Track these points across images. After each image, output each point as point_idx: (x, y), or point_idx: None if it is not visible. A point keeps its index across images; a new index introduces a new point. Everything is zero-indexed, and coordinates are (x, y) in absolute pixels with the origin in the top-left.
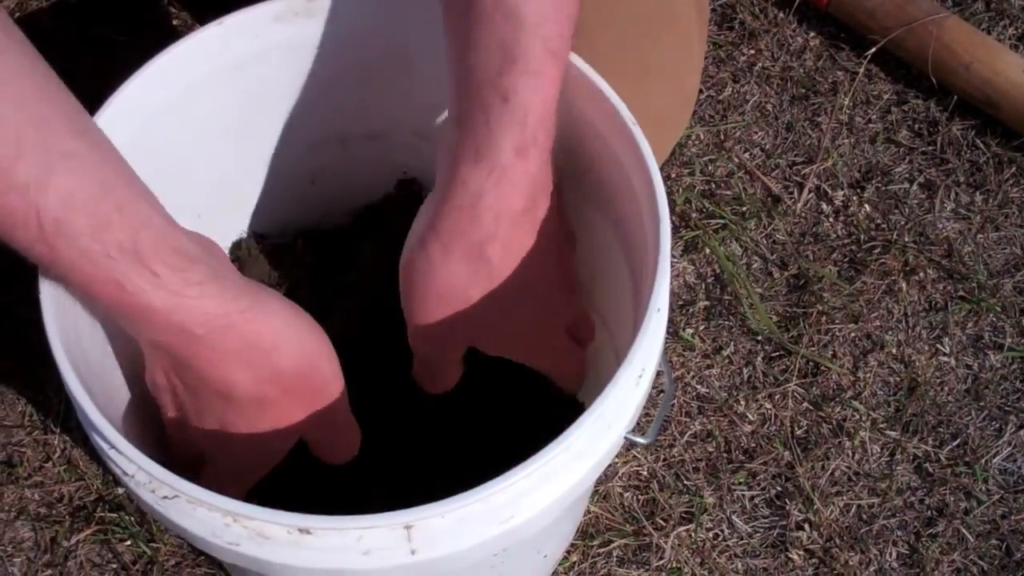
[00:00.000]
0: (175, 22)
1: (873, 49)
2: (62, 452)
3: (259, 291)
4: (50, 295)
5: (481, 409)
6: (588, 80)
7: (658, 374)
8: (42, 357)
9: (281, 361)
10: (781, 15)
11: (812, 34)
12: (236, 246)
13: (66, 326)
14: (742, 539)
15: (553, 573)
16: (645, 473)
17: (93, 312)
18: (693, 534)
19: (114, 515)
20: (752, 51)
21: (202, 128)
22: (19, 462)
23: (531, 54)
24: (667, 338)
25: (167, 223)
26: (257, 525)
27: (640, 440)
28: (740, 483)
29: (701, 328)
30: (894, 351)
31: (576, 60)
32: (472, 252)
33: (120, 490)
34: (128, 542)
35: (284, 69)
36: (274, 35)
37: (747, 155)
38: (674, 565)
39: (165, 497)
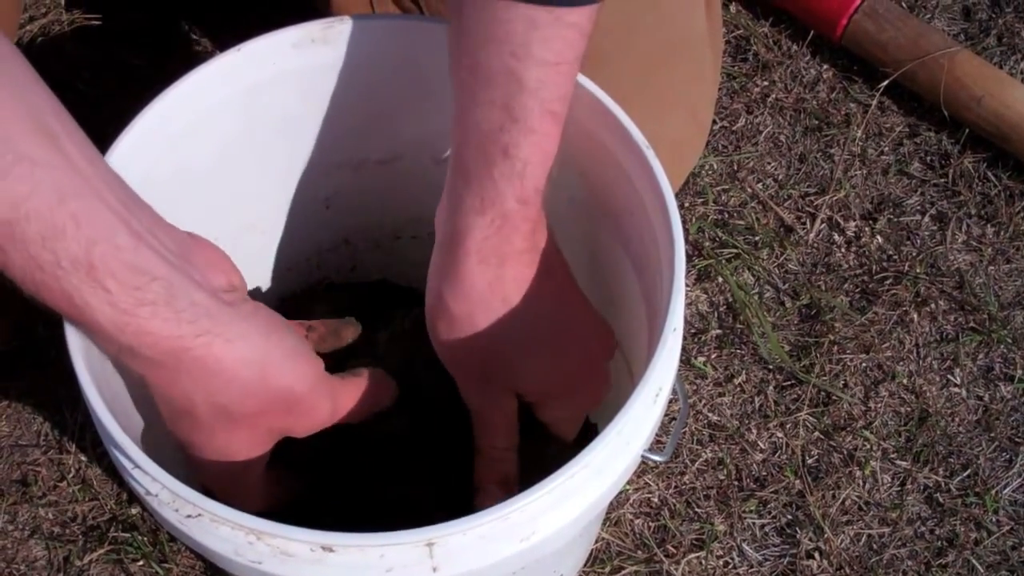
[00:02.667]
0: (195, 47)
1: (886, 82)
2: (76, 472)
3: (230, 313)
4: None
5: None
6: (604, 107)
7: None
8: (58, 376)
9: (243, 389)
10: (795, 47)
11: (825, 67)
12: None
13: (88, 345)
14: (752, 567)
15: None
16: (656, 500)
17: None
18: (704, 561)
19: (127, 535)
20: (766, 82)
21: (220, 153)
22: (34, 481)
23: (531, 114)
24: (679, 365)
25: (133, 237)
26: (280, 543)
27: (657, 458)
28: (751, 511)
29: (713, 356)
30: (905, 381)
31: (593, 88)
32: (485, 294)
33: (134, 510)
34: (140, 562)
35: (301, 95)
36: (292, 61)
37: (760, 185)
38: None
39: (189, 516)
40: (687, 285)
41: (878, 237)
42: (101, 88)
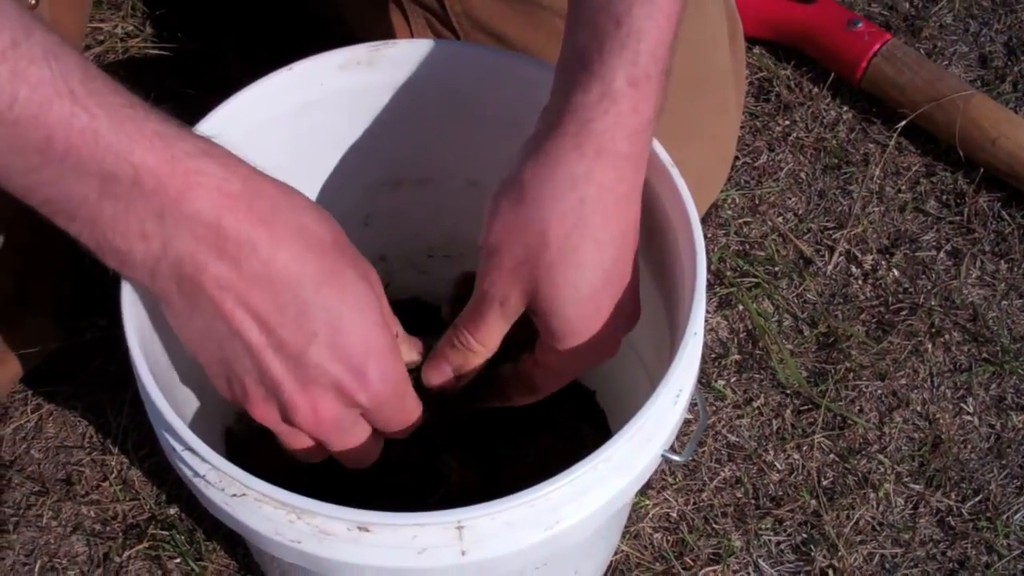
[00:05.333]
0: (244, 78)
1: (903, 123)
2: (119, 473)
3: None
4: (130, 302)
5: (516, 434)
6: None
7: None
8: (103, 382)
9: (319, 213)
10: (816, 89)
11: (845, 108)
12: None
13: (144, 332)
14: None
15: None
16: (675, 515)
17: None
18: (721, 575)
19: (165, 533)
20: (787, 122)
21: (267, 167)
22: (77, 480)
23: None
24: (700, 388)
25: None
26: (320, 522)
27: (676, 458)
28: (767, 528)
29: (733, 380)
30: (919, 408)
31: None
32: (564, 183)
33: (172, 510)
34: (177, 560)
35: (346, 114)
36: (338, 82)
37: (780, 219)
38: None
39: (234, 495)
40: (708, 312)
41: (894, 270)
42: None
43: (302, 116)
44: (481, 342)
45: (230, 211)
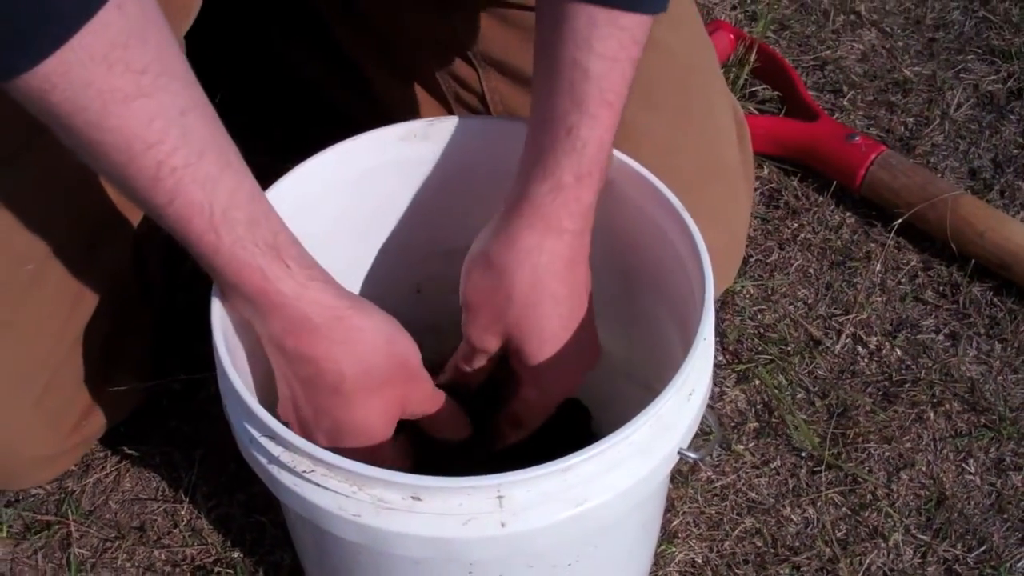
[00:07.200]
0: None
1: (899, 221)
2: (188, 521)
3: (358, 297)
4: (219, 316)
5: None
6: (654, 188)
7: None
8: (176, 442)
9: (379, 351)
10: (820, 198)
11: (848, 213)
12: None
13: (228, 333)
14: None
15: None
16: (699, 560)
17: (244, 336)
18: None
19: (230, 571)
20: (796, 225)
21: (328, 230)
22: (150, 527)
23: (591, 100)
24: (721, 452)
25: (292, 233)
26: (378, 491)
27: (692, 455)
28: (786, 574)
29: (751, 445)
30: (924, 468)
31: (653, 179)
32: (522, 254)
33: (236, 553)
34: None
35: (403, 183)
36: (397, 153)
37: (792, 307)
38: None
39: (304, 471)
40: (727, 386)
41: (897, 350)
42: None
43: (365, 181)
44: (474, 369)
45: (293, 336)
